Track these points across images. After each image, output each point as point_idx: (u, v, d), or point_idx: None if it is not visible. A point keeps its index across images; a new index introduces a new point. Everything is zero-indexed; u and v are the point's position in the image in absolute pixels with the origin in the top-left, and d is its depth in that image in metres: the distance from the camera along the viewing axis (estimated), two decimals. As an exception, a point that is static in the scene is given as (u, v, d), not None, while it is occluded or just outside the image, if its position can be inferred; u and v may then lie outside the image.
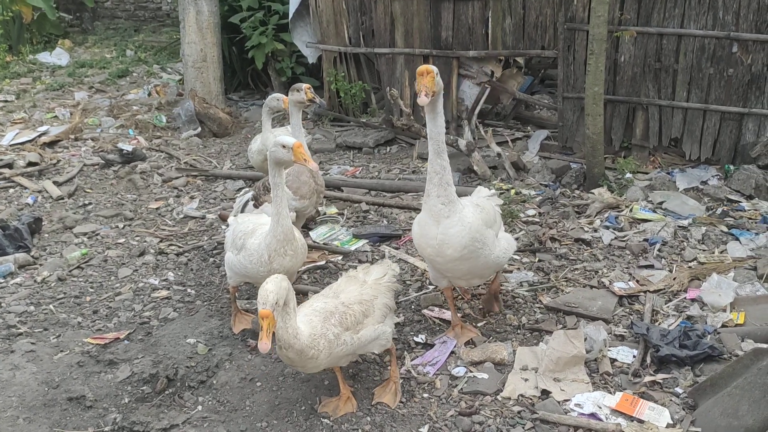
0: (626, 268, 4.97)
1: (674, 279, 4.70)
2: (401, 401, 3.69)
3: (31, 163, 7.46)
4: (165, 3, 15.22)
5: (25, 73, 11.48)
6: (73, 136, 8.35)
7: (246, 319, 4.40)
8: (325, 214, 6.18)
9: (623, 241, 5.35)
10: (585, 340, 3.97)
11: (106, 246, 5.70)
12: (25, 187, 6.93)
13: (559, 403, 3.60)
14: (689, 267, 4.90)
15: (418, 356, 4.07)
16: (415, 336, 4.26)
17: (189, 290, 4.96)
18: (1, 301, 4.85)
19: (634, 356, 3.95)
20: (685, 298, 4.52)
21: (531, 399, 3.66)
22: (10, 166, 7.40)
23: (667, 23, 6.54)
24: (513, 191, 6.35)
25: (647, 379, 3.75)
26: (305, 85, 5.10)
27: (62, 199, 6.68)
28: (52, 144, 8.14)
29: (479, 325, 4.37)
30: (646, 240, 5.32)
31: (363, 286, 3.66)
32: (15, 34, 12.74)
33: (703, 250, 5.15)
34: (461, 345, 4.12)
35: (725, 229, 5.43)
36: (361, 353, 3.62)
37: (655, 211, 5.82)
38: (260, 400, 3.75)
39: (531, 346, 4.09)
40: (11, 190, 6.90)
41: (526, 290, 4.72)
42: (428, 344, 4.18)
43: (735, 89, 6.44)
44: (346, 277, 3.82)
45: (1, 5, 12.16)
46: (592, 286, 4.72)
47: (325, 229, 5.83)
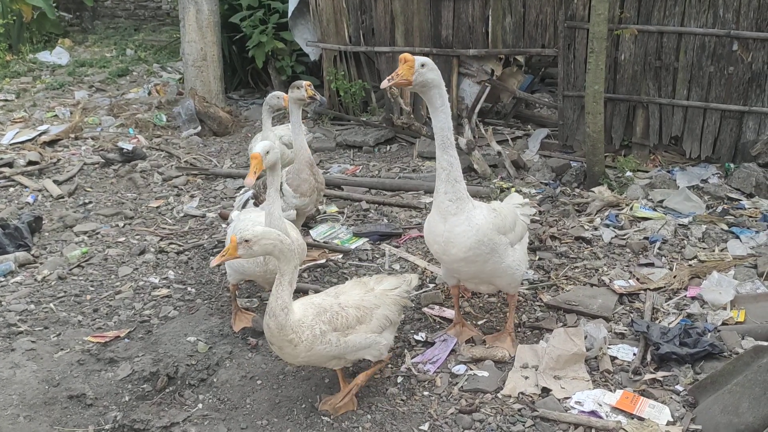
0: (626, 266, 4.97)
1: (674, 277, 4.70)
2: (401, 399, 3.69)
3: (31, 162, 7.46)
4: (165, 2, 15.21)
5: (25, 72, 11.48)
6: (73, 135, 8.35)
7: (246, 317, 4.40)
8: (326, 212, 6.18)
9: (623, 239, 5.35)
10: (585, 338, 3.98)
11: (107, 245, 5.70)
12: (26, 186, 6.93)
13: (559, 400, 3.60)
14: (689, 265, 4.90)
15: (419, 354, 4.07)
16: (416, 334, 4.26)
17: (189, 289, 4.96)
18: (1, 299, 4.85)
19: (634, 354, 3.94)
20: (686, 296, 4.52)
21: (531, 397, 3.66)
22: (11, 165, 7.40)
23: (668, 21, 6.53)
24: (513, 190, 6.35)
25: (647, 376, 3.75)
26: (305, 83, 5.08)
27: (62, 197, 6.68)
28: (52, 143, 8.14)
29: (479, 323, 4.37)
30: (646, 238, 5.32)
31: (368, 293, 3.61)
32: (15, 33, 12.74)
33: (704, 248, 5.15)
34: (461, 343, 4.11)
35: (725, 228, 5.43)
36: (351, 358, 3.53)
37: (656, 210, 5.82)
38: (261, 398, 3.75)
39: (531, 344, 4.09)
40: (11, 189, 6.90)
41: (527, 288, 4.72)
42: (428, 342, 4.18)
43: (735, 87, 6.43)
44: (355, 281, 3.79)
45: (1, 4, 12.16)
46: (592, 285, 4.72)
47: (326, 228, 5.83)
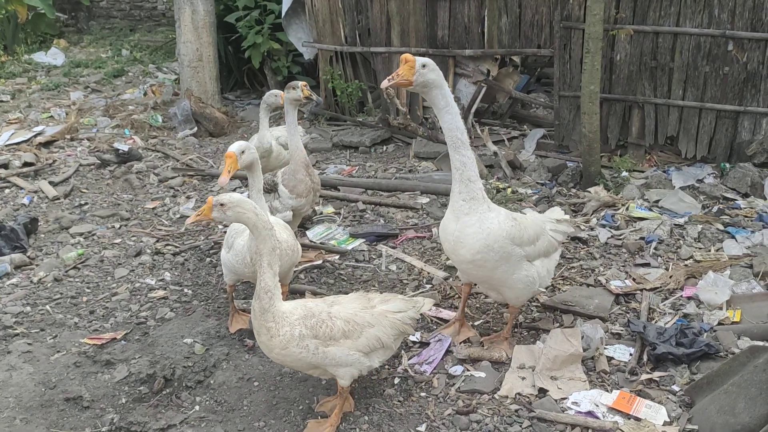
0: (623, 266, 4.98)
1: (671, 277, 4.71)
2: (399, 400, 3.69)
3: (26, 164, 7.44)
4: (160, 2, 15.19)
5: (20, 73, 11.45)
6: (68, 136, 8.33)
7: (243, 318, 4.39)
8: (322, 213, 6.18)
9: (620, 239, 5.36)
10: (582, 338, 3.98)
11: (103, 246, 5.68)
12: (21, 188, 6.91)
13: (556, 401, 3.60)
14: (685, 265, 4.91)
15: (415, 355, 4.07)
16: (412, 335, 4.25)
17: (186, 290, 4.95)
18: (-3, 301, 4.84)
19: (630, 354, 3.95)
20: (682, 296, 4.53)
21: (528, 397, 3.66)
22: (6, 166, 7.38)
23: (663, 21, 6.55)
24: (509, 190, 6.36)
25: (644, 377, 3.76)
26: (301, 83, 5.06)
27: (58, 199, 6.66)
28: (47, 144, 8.12)
29: (476, 324, 4.38)
30: (642, 238, 5.33)
31: (365, 309, 3.45)
32: (10, 33, 12.71)
33: (700, 248, 5.16)
34: (457, 343, 4.11)
35: (721, 227, 5.45)
36: (331, 371, 3.38)
37: (652, 210, 5.84)
38: (258, 399, 3.75)
39: (528, 344, 4.09)
40: (7, 191, 6.88)
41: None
42: (425, 343, 4.19)
43: (730, 87, 6.45)
44: (359, 294, 3.66)
45: (-4, 5, 12.15)
46: (588, 285, 4.73)
47: (322, 229, 5.83)
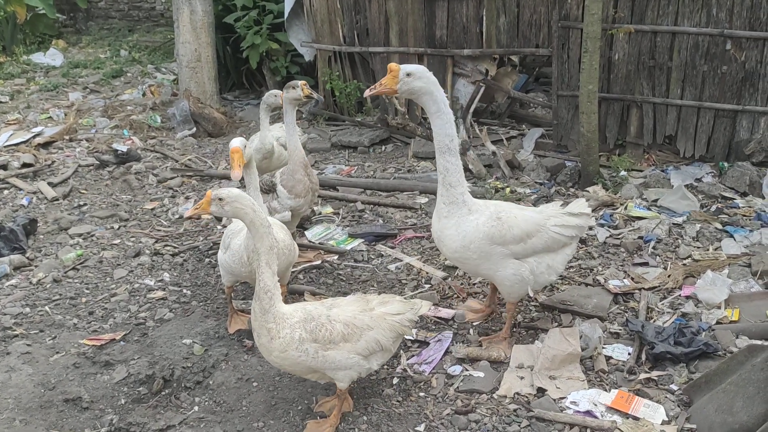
0: (621, 265, 4.99)
1: (669, 276, 4.72)
2: (397, 400, 3.69)
3: (25, 165, 7.44)
4: (159, 3, 15.18)
5: (18, 74, 11.44)
6: (67, 137, 8.33)
7: (242, 319, 4.40)
8: (321, 213, 6.18)
9: (618, 238, 5.36)
10: (580, 337, 3.99)
11: (102, 247, 5.68)
12: (20, 189, 6.91)
13: (554, 401, 3.61)
14: (684, 264, 4.91)
15: (414, 355, 4.08)
16: (410, 336, 4.26)
17: (185, 291, 4.95)
18: (-4, 303, 4.84)
19: (629, 354, 3.96)
20: (680, 296, 4.54)
21: (527, 397, 3.67)
22: (5, 167, 7.38)
23: (661, 21, 6.55)
24: (508, 190, 6.36)
25: (642, 376, 3.76)
26: (301, 82, 5.04)
27: (57, 200, 6.67)
28: (46, 145, 8.12)
29: (475, 323, 4.38)
30: (640, 237, 5.33)
31: (364, 312, 3.43)
32: (8, 34, 12.70)
33: (698, 248, 5.17)
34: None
35: (719, 226, 5.46)
36: (329, 374, 3.38)
37: (650, 209, 5.84)
38: (257, 400, 3.75)
39: (527, 344, 4.10)
40: (6, 192, 6.88)
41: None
42: (424, 342, 4.19)
43: (729, 86, 6.46)
44: (357, 296, 3.66)
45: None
46: (587, 284, 4.74)
47: (321, 229, 5.83)
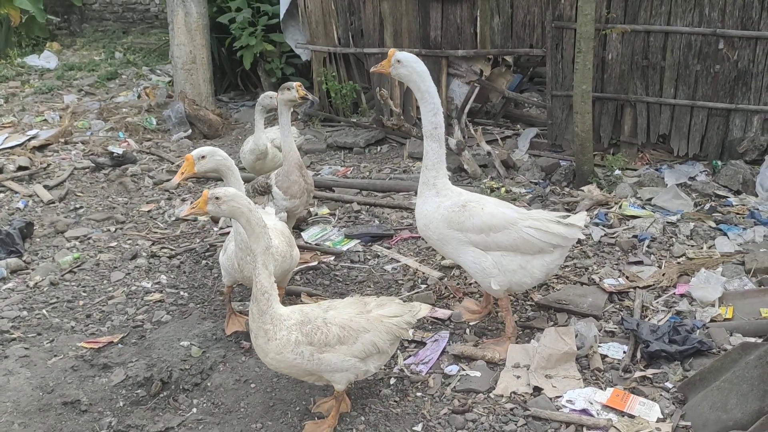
0: (616, 264, 5.02)
1: (663, 275, 4.75)
2: (395, 400, 3.72)
3: (21, 168, 7.44)
4: (153, 5, 15.16)
5: (13, 77, 11.42)
6: (62, 140, 8.32)
7: (239, 320, 4.41)
8: (317, 214, 6.20)
9: (613, 237, 5.40)
10: (576, 336, 4.02)
11: (98, 250, 5.69)
12: (16, 192, 6.91)
13: (550, 399, 3.64)
14: (678, 263, 4.95)
15: (411, 355, 4.10)
16: (407, 338, 4.28)
17: (182, 293, 4.96)
18: (-7, 306, 4.84)
19: (624, 352, 3.99)
20: (674, 294, 4.57)
21: (523, 396, 3.70)
22: (0, 170, 7.37)
23: (654, 20, 6.59)
24: (503, 189, 6.39)
25: (637, 374, 3.79)
26: (296, 83, 5.05)
27: (53, 203, 6.67)
28: (41, 148, 8.11)
29: (472, 323, 4.40)
30: (635, 236, 5.37)
31: (360, 314, 3.42)
32: (3, 37, 12.67)
33: (692, 246, 5.20)
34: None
35: (713, 225, 5.50)
36: (326, 377, 3.39)
37: (644, 208, 5.88)
38: (255, 401, 3.77)
39: (523, 343, 4.12)
40: (1, 195, 6.87)
41: (518, 288, 4.76)
42: (421, 343, 4.22)
43: (721, 85, 6.50)
44: (355, 298, 3.65)
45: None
46: (582, 283, 4.77)
47: (317, 230, 5.85)
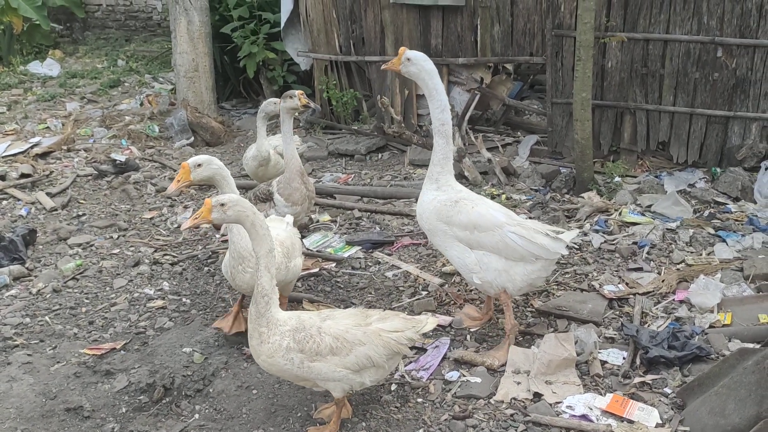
0: (616, 271, 5.05)
1: (663, 281, 4.78)
2: (395, 406, 3.74)
3: (23, 175, 7.47)
4: (156, 13, 15.24)
5: (16, 84, 11.47)
6: (65, 147, 8.36)
7: (245, 322, 4.39)
8: (318, 221, 6.23)
9: (612, 244, 5.43)
10: (576, 342, 4.04)
11: (101, 257, 5.72)
12: (19, 199, 6.94)
13: (551, 405, 3.66)
14: (677, 269, 4.98)
15: (412, 361, 4.13)
16: (408, 355, 4.28)
17: (184, 300, 4.99)
18: (-4, 313, 4.87)
19: (623, 358, 4.02)
20: (674, 300, 4.60)
21: (523, 402, 3.72)
22: (3, 177, 7.40)
23: (653, 29, 6.64)
24: (504, 196, 6.42)
25: (637, 380, 3.82)
26: (298, 92, 5.08)
27: (56, 210, 6.70)
28: (44, 155, 8.15)
29: (473, 330, 4.43)
30: (635, 243, 5.39)
31: (358, 326, 3.39)
32: (5, 44, 12.74)
33: (691, 252, 5.23)
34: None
35: (712, 231, 5.52)
36: (320, 384, 3.39)
37: (644, 215, 5.91)
38: (257, 407, 3.79)
39: (523, 349, 4.15)
40: (4, 202, 6.91)
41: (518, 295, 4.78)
42: (422, 349, 4.24)
43: (720, 93, 6.54)
44: (357, 310, 3.63)
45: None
46: (582, 290, 4.79)
47: (319, 237, 5.88)
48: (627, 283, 4.84)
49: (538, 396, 3.75)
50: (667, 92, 6.74)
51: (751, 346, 3.89)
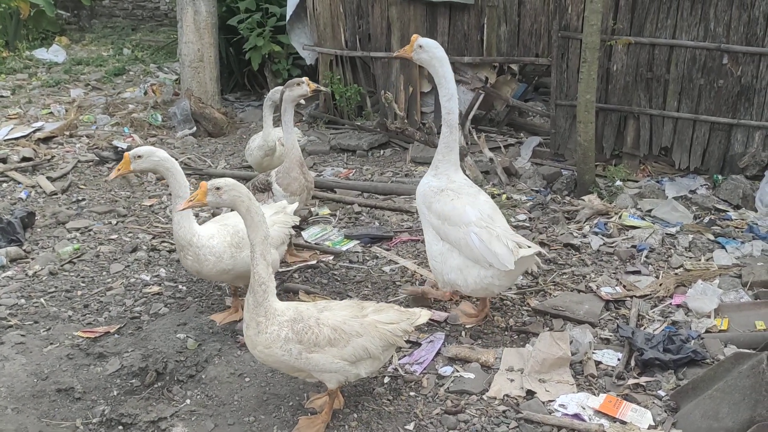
0: (614, 273, 5.03)
1: (660, 285, 4.77)
2: (388, 399, 3.73)
3: (25, 159, 7.47)
4: (163, 2, 15.26)
5: (21, 69, 11.48)
6: (67, 133, 8.36)
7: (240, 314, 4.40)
8: (318, 214, 6.22)
9: (611, 247, 5.41)
10: (571, 342, 4.03)
11: (99, 242, 5.71)
12: (19, 182, 6.94)
13: (543, 403, 3.65)
14: (676, 273, 4.96)
15: (406, 355, 4.11)
16: (403, 346, 4.27)
17: (180, 286, 4.98)
18: (-8, 293, 4.86)
19: (618, 359, 4.00)
20: (671, 304, 4.58)
21: (516, 399, 3.70)
22: (4, 160, 7.40)
23: (660, 33, 6.63)
24: (504, 196, 6.41)
25: (631, 381, 3.80)
26: (305, 78, 5.04)
27: (56, 194, 6.70)
28: (46, 140, 8.15)
29: (468, 326, 4.41)
30: (634, 246, 5.38)
31: (355, 318, 3.37)
32: (12, 29, 12.74)
33: (690, 258, 5.22)
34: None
35: (712, 238, 5.51)
36: (315, 375, 3.38)
37: (644, 219, 5.89)
38: (248, 395, 3.78)
39: (517, 347, 4.13)
40: (5, 185, 6.91)
41: (515, 293, 4.77)
42: (416, 343, 4.23)
43: (724, 100, 6.53)
44: (352, 301, 3.61)
45: (-1, 1, 12.20)
46: (579, 291, 4.78)
47: (317, 230, 5.87)
48: (624, 286, 4.82)
49: (531, 394, 3.73)
50: (672, 98, 6.73)
51: (746, 351, 3.87)
